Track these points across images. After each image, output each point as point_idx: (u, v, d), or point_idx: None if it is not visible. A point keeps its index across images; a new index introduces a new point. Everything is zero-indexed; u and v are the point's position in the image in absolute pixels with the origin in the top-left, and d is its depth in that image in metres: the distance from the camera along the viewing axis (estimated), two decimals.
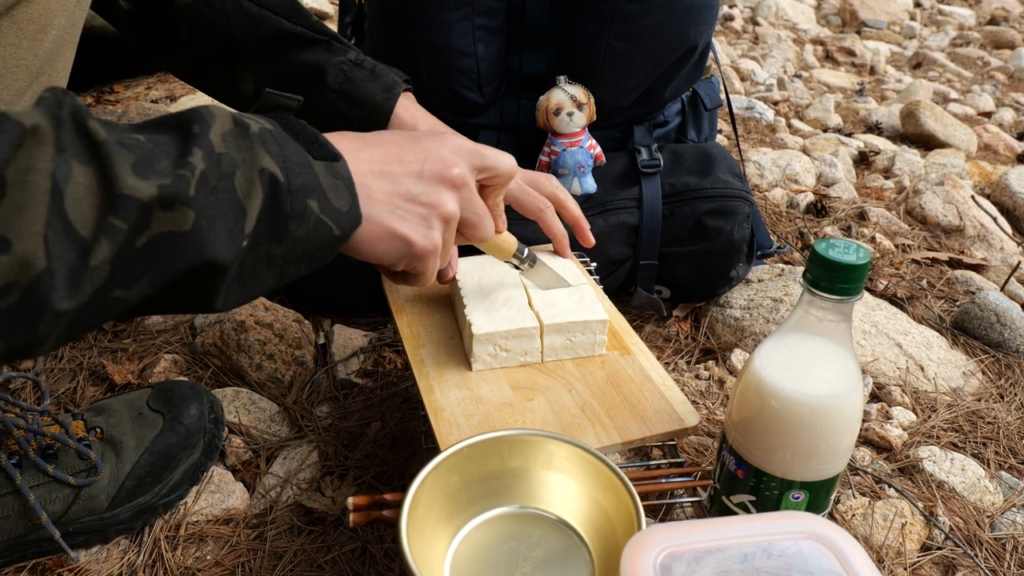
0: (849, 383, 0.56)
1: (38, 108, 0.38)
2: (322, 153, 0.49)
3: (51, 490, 0.66)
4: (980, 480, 0.82)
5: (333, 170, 0.49)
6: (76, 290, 0.37)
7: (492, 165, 0.58)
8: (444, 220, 0.54)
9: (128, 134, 0.40)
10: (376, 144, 0.54)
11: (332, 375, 0.91)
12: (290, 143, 0.47)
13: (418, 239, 0.53)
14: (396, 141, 0.54)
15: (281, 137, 0.47)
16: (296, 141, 0.48)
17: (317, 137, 0.50)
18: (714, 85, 1.13)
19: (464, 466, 0.58)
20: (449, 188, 0.54)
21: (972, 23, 3.59)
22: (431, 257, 0.55)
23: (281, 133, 0.47)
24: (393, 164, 0.53)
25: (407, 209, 0.53)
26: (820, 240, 0.53)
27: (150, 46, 0.79)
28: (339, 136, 0.53)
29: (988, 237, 1.34)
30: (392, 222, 0.52)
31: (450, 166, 0.54)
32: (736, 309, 1.05)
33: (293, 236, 0.46)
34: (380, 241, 0.52)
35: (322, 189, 0.47)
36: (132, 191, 0.38)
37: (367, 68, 0.77)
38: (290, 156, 0.46)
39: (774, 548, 0.47)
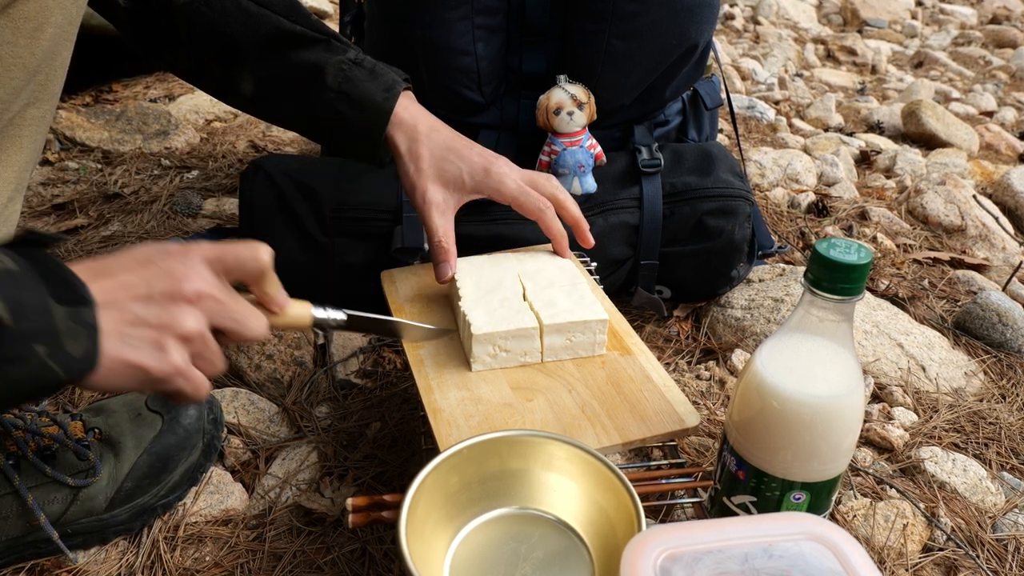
0: (850, 383, 0.56)
1: None
2: (69, 297, 0.47)
3: (49, 491, 0.66)
4: (982, 481, 0.81)
5: (76, 315, 0.47)
6: None
7: (235, 264, 0.55)
8: (183, 339, 0.52)
9: None
10: (107, 272, 0.51)
11: (331, 375, 0.91)
12: (30, 286, 0.46)
13: (153, 364, 0.51)
14: (127, 266, 0.52)
15: (23, 280, 0.46)
16: (43, 283, 0.47)
17: (69, 280, 0.48)
18: (715, 84, 1.12)
19: (464, 467, 0.58)
20: (184, 304, 0.52)
21: (974, 22, 3.58)
22: (174, 378, 0.52)
23: (25, 275, 0.46)
24: (120, 291, 0.51)
25: (138, 336, 0.50)
26: (821, 240, 0.53)
27: (149, 45, 0.78)
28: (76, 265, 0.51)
29: (990, 237, 1.34)
30: (123, 352, 0.50)
31: (180, 282, 0.52)
32: (737, 309, 1.05)
33: (8, 377, 0.45)
34: (113, 373, 0.50)
35: (56, 334, 0.46)
36: None
37: (367, 67, 0.77)
38: (26, 300, 0.45)
39: (775, 549, 0.47)
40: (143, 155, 1.45)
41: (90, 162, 1.41)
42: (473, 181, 0.76)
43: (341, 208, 0.93)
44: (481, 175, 0.76)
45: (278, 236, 0.95)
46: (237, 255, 0.56)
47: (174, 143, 1.50)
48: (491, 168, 0.76)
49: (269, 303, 0.59)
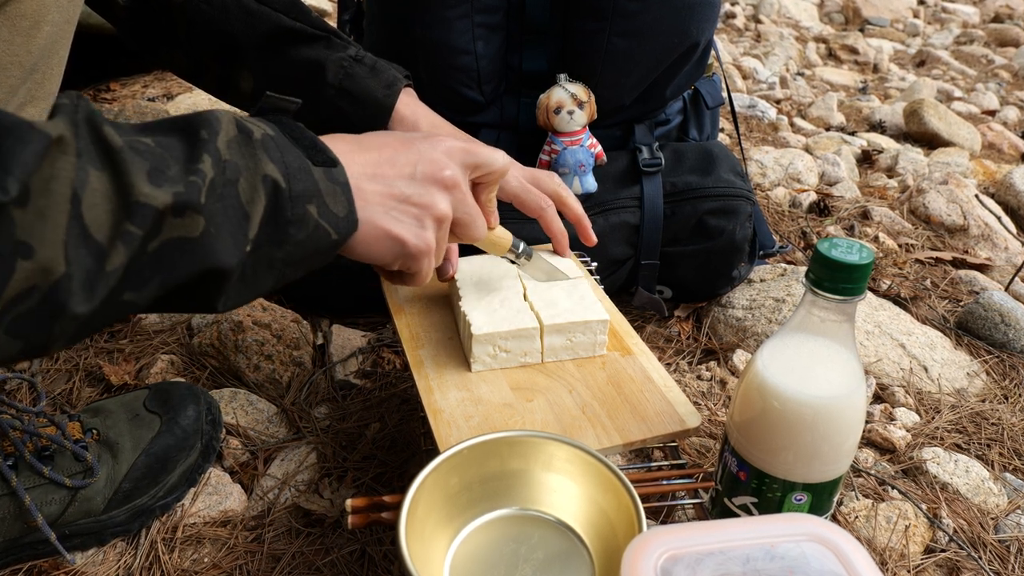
0: (852, 384, 0.56)
1: (60, 116, 0.38)
2: (320, 159, 0.50)
3: (47, 492, 0.65)
4: (984, 482, 0.81)
5: (331, 175, 0.49)
6: (92, 294, 0.38)
7: (484, 163, 0.59)
8: (437, 220, 0.55)
9: (138, 137, 0.41)
10: (369, 147, 0.54)
11: (330, 376, 0.91)
12: (291, 149, 0.48)
13: (412, 239, 0.54)
14: (389, 144, 0.55)
15: (282, 143, 0.48)
16: (296, 146, 0.49)
17: (316, 142, 0.50)
18: (716, 83, 1.12)
19: (464, 468, 0.57)
20: (441, 189, 0.55)
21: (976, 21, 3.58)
22: (425, 257, 0.56)
23: (282, 138, 0.48)
24: (386, 167, 0.54)
25: (401, 210, 0.54)
26: (823, 240, 0.53)
27: (148, 44, 0.78)
28: (334, 139, 0.54)
29: (992, 236, 1.33)
30: (386, 223, 0.53)
31: (442, 168, 0.55)
32: (738, 309, 1.04)
33: (293, 240, 0.47)
34: (375, 242, 0.53)
35: (321, 194, 0.48)
36: (148, 199, 0.39)
37: (367, 64, 0.77)
38: (291, 162, 0.47)
39: (776, 550, 0.47)
40: None
41: None
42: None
43: None
44: None
45: None
46: (488, 155, 0.59)
47: None
48: None
49: (489, 213, 0.63)
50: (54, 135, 0.37)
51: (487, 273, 0.75)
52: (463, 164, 0.58)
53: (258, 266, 0.46)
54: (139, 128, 0.43)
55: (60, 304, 0.37)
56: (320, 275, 0.96)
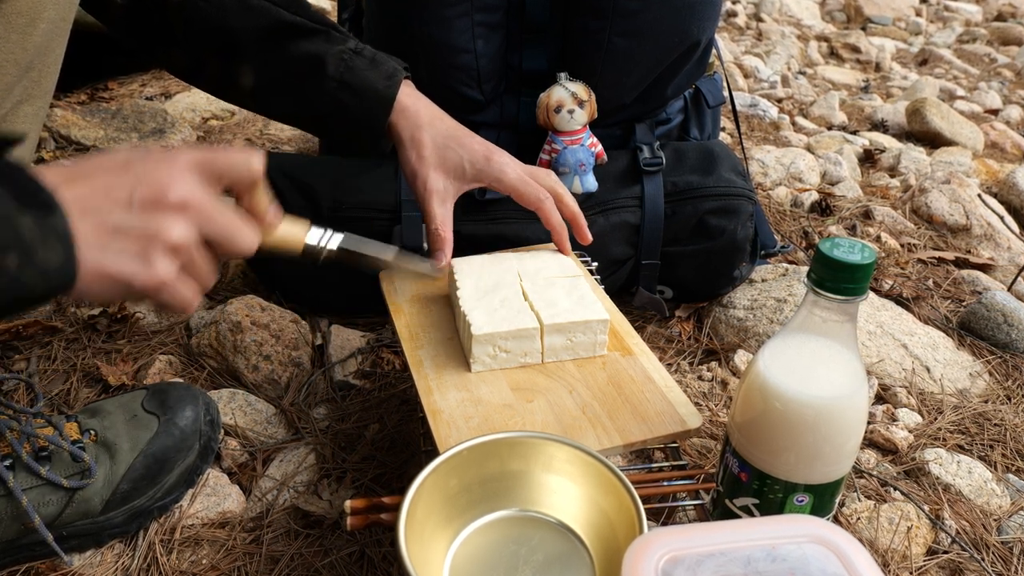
0: (854, 384, 0.55)
1: None
2: (34, 202, 0.44)
3: (44, 493, 0.65)
4: (987, 483, 0.81)
5: (45, 224, 0.44)
6: None
7: (225, 169, 0.52)
8: (171, 249, 0.48)
9: None
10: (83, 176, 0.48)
11: (329, 376, 0.90)
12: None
13: (137, 276, 0.47)
14: (107, 168, 0.49)
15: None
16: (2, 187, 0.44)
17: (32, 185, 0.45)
18: (717, 82, 1.12)
19: (463, 469, 0.57)
20: (169, 213, 0.48)
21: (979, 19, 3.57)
22: (161, 290, 0.49)
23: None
24: (99, 198, 0.47)
25: (118, 246, 0.47)
26: (824, 239, 0.53)
27: (145, 43, 0.78)
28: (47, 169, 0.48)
29: (995, 236, 1.33)
30: (103, 263, 0.46)
31: (165, 190, 0.48)
32: (739, 309, 1.04)
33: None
34: (94, 283, 0.47)
35: (25, 244, 0.43)
36: None
37: (367, 56, 0.77)
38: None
39: (778, 552, 0.47)
40: None
41: None
42: (474, 169, 0.76)
43: (339, 207, 0.93)
44: (482, 163, 0.76)
45: None
46: (228, 161, 0.52)
47: (170, 141, 1.49)
48: (492, 157, 0.76)
49: (260, 216, 0.56)
50: None
51: (487, 273, 0.75)
52: (200, 177, 0.51)
53: None
54: None
55: None
56: (319, 275, 0.96)
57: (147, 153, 0.50)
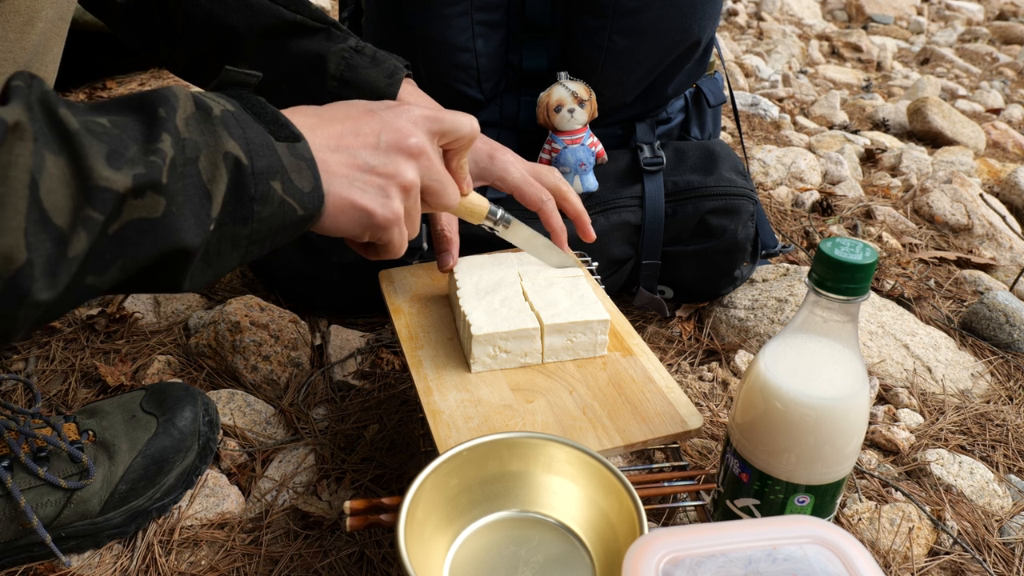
0: (855, 385, 0.55)
1: (15, 101, 0.37)
2: (283, 134, 0.49)
3: (42, 494, 0.65)
4: (989, 484, 0.80)
5: (295, 150, 0.49)
6: (55, 280, 0.38)
7: (451, 129, 0.59)
8: (404, 189, 0.55)
9: (94, 118, 0.40)
10: (332, 118, 0.54)
11: (329, 377, 0.90)
12: (252, 124, 0.47)
13: (378, 209, 0.53)
14: (352, 115, 0.55)
15: (243, 118, 0.47)
16: (258, 122, 0.48)
17: (278, 117, 0.50)
18: (718, 81, 1.11)
19: (463, 469, 0.57)
20: (407, 157, 0.55)
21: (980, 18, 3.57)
22: (393, 226, 0.55)
23: (243, 114, 0.48)
24: (349, 137, 0.53)
25: (365, 180, 0.53)
26: (826, 239, 0.52)
27: (145, 41, 0.78)
28: (296, 112, 0.53)
29: (997, 236, 1.32)
30: (351, 194, 0.52)
31: (406, 136, 0.55)
32: (740, 309, 1.04)
33: (258, 217, 0.47)
34: (341, 214, 0.52)
35: (285, 170, 0.48)
36: (108, 183, 0.38)
37: (368, 55, 0.76)
38: (252, 138, 0.46)
39: (779, 553, 0.47)
40: None
41: None
42: (477, 168, 0.76)
43: None
44: (485, 161, 0.76)
45: None
46: (454, 120, 0.58)
47: None
48: (495, 155, 0.76)
49: (461, 179, 0.62)
50: (10, 121, 0.36)
51: (487, 272, 0.75)
52: (429, 131, 0.57)
53: (222, 244, 0.46)
54: (95, 108, 0.42)
55: (23, 292, 0.37)
56: (318, 275, 0.96)
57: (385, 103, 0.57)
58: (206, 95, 0.47)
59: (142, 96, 0.44)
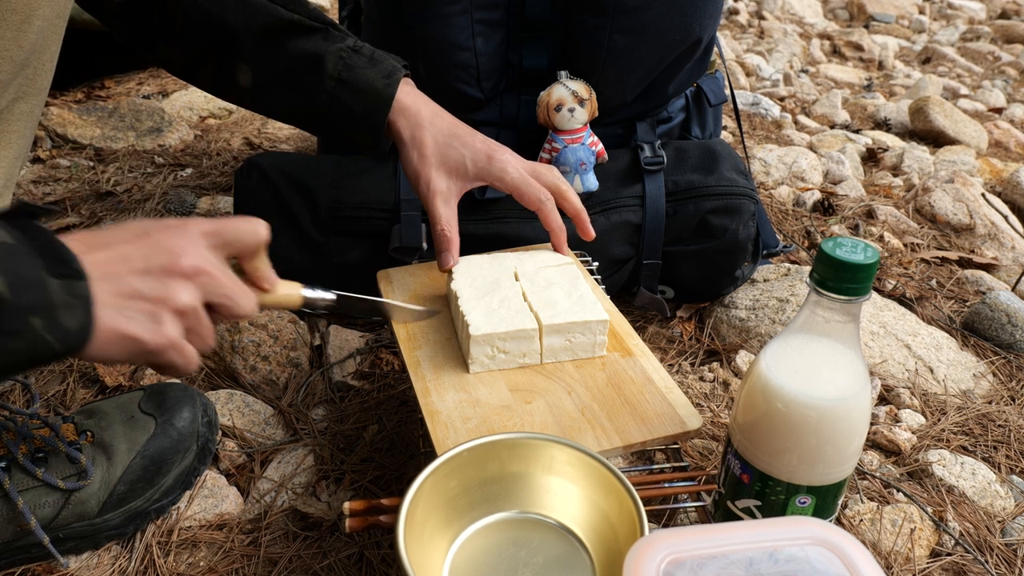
0: (857, 385, 0.55)
1: None
2: (63, 271, 0.48)
3: (40, 495, 0.65)
4: (991, 484, 0.80)
5: (71, 288, 0.48)
6: None
7: (233, 240, 0.57)
8: (177, 312, 0.53)
9: None
10: (104, 243, 0.52)
11: (328, 377, 0.90)
12: (26, 259, 0.47)
13: (147, 336, 0.52)
14: (125, 239, 0.53)
15: (19, 251, 0.47)
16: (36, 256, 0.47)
17: (63, 253, 0.49)
18: (719, 80, 1.11)
19: (463, 470, 0.57)
20: (180, 279, 0.53)
21: (982, 17, 3.56)
22: (167, 351, 0.53)
23: (20, 247, 0.47)
24: (118, 263, 0.51)
25: (134, 308, 0.51)
26: (827, 239, 0.52)
27: (143, 41, 0.77)
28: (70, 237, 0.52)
29: (999, 236, 1.32)
30: (118, 324, 0.50)
31: (178, 257, 0.53)
32: (741, 310, 1.03)
33: (5, 349, 0.46)
34: (108, 344, 0.51)
35: (52, 307, 0.47)
36: None
37: (366, 54, 0.76)
38: (22, 272, 0.46)
39: (780, 554, 0.47)
40: (136, 152, 1.44)
41: (82, 160, 1.40)
42: (476, 168, 0.76)
43: (338, 207, 0.92)
44: (484, 162, 0.75)
45: (274, 235, 0.94)
46: (236, 229, 0.57)
47: (168, 140, 1.49)
48: (494, 155, 0.76)
49: (260, 280, 0.60)
50: None
51: (486, 273, 0.74)
52: (210, 246, 0.55)
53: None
54: None
55: None
56: (319, 275, 0.95)
57: (163, 223, 0.55)
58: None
59: None
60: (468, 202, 0.91)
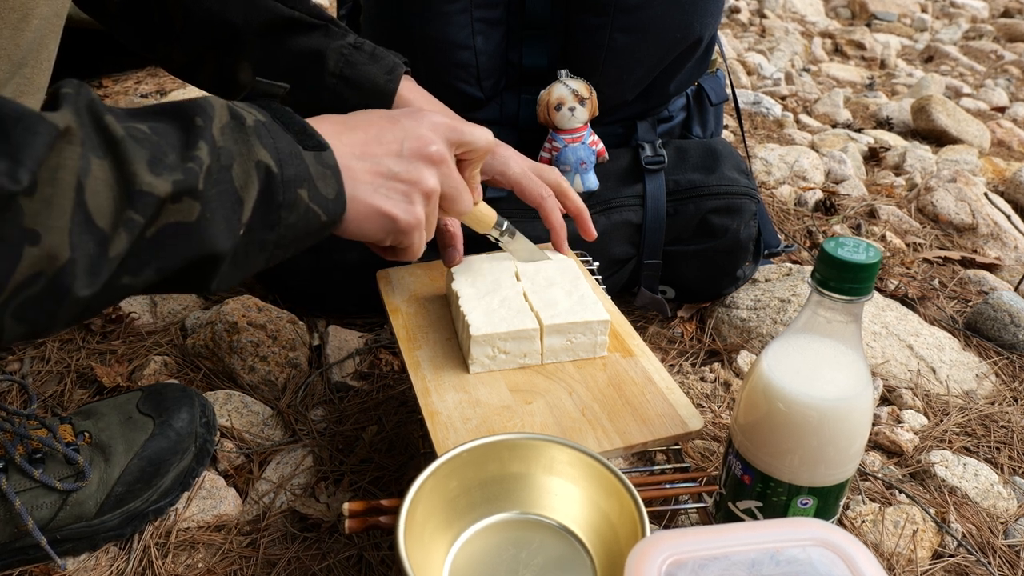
0: (859, 386, 0.55)
1: (66, 106, 0.40)
2: (311, 143, 0.51)
3: (38, 496, 0.64)
4: (993, 486, 0.80)
5: (321, 159, 0.51)
6: (95, 279, 0.40)
7: (468, 140, 0.61)
8: (425, 195, 0.57)
9: (134, 124, 0.43)
10: (356, 126, 0.56)
11: (327, 378, 0.90)
12: (282, 134, 0.49)
13: (401, 215, 0.56)
14: (375, 122, 0.57)
15: (273, 128, 0.49)
16: (286, 131, 0.50)
17: (305, 127, 0.52)
18: (720, 79, 1.11)
19: (463, 471, 0.57)
20: (428, 164, 0.57)
21: (985, 15, 3.55)
22: (415, 231, 0.57)
23: (273, 124, 0.50)
24: (373, 145, 0.55)
25: (389, 187, 0.55)
26: (829, 239, 0.52)
27: (143, 40, 0.77)
28: (321, 120, 0.55)
29: (1002, 235, 1.32)
30: (376, 200, 0.54)
31: (428, 143, 0.57)
32: (742, 310, 1.03)
33: (284, 223, 0.49)
34: (366, 220, 0.55)
35: (311, 178, 0.50)
36: (149, 187, 0.41)
37: (367, 51, 0.76)
38: (283, 147, 0.49)
39: (782, 555, 0.47)
40: None
41: None
42: None
43: None
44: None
45: None
46: (472, 132, 0.61)
47: None
48: (495, 150, 0.76)
49: (473, 188, 0.65)
50: (62, 126, 0.38)
51: (486, 272, 0.74)
52: (448, 140, 0.59)
53: (250, 248, 0.48)
54: (136, 114, 0.44)
55: (65, 289, 0.39)
56: (317, 275, 0.95)
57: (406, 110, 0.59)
58: (239, 105, 0.49)
59: (181, 105, 0.46)
60: None
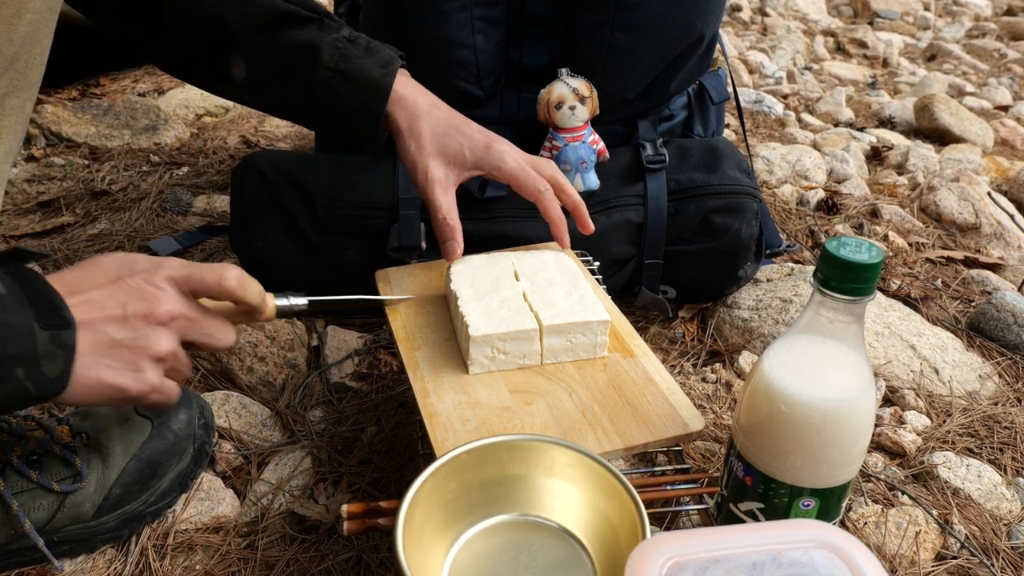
0: (861, 386, 0.55)
1: None
2: (52, 320, 0.49)
3: (35, 497, 0.64)
4: (997, 487, 0.79)
5: (58, 338, 0.49)
6: None
7: (199, 287, 0.57)
8: (158, 359, 0.54)
9: None
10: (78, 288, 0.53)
11: (325, 378, 0.89)
12: (18, 309, 0.48)
13: (130, 383, 0.53)
14: (98, 282, 0.53)
15: (10, 302, 0.48)
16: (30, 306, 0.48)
17: (53, 301, 0.50)
18: (721, 78, 1.10)
19: (462, 472, 0.56)
20: (157, 326, 0.54)
21: (988, 14, 3.54)
22: (151, 394, 0.55)
23: (12, 298, 0.48)
24: (95, 311, 0.52)
25: (115, 355, 0.52)
26: (831, 238, 0.52)
27: (135, 38, 0.77)
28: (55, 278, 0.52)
29: (1005, 235, 1.31)
30: (99, 373, 0.52)
31: (156, 304, 0.54)
32: (744, 310, 1.03)
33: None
34: (90, 392, 0.52)
35: (36, 357, 0.48)
36: None
37: (362, 45, 0.76)
38: (14, 323, 0.47)
39: (784, 557, 0.46)
40: (131, 151, 1.44)
41: (77, 158, 1.40)
42: (474, 156, 0.75)
43: (336, 205, 0.92)
44: (482, 151, 0.75)
45: (271, 234, 0.94)
46: (202, 279, 0.57)
47: (163, 138, 1.49)
48: (492, 144, 0.75)
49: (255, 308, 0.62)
50: None
51: (485, 272, 0.74)
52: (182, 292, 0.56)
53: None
54: None
55: None
56: (317, 274, 0.95)
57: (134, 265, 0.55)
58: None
59: None
60: (468, 202, 0.90)
